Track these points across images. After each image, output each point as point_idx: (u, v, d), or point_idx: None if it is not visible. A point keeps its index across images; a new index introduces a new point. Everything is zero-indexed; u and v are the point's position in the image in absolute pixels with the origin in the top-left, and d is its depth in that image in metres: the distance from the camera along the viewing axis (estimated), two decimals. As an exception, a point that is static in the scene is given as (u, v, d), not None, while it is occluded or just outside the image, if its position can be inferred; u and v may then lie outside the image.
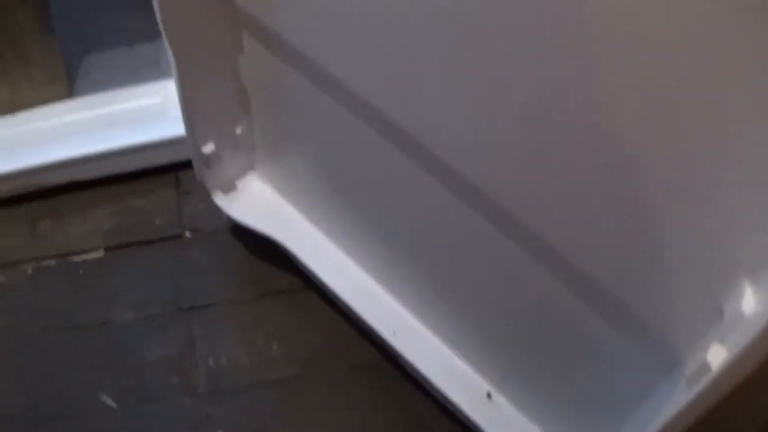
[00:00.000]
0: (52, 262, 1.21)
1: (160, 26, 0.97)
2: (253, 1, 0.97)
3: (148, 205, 1.24)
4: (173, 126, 1.19)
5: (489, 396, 1.02)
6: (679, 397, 0.66)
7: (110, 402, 1.09)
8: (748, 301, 0.59)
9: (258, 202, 1.15)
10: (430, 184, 0.89)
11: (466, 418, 1.02)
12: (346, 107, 0.94)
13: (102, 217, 1.23)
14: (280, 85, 1.03)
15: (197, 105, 1.05)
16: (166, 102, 1.23)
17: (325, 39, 0.91)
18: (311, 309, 1.15)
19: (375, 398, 1.09)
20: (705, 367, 0.61)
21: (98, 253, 1.21)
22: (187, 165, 1.18)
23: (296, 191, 1.13)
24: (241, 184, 1.16)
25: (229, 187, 1.15)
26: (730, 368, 0.58)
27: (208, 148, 1.08)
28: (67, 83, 1.26)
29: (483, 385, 1.03)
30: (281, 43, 0.97)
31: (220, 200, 1.14)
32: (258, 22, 0.99)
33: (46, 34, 1.21)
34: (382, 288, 1.10)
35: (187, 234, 1.22)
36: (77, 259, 1.21)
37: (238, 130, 1.11)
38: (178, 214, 1.23)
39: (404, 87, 0.84)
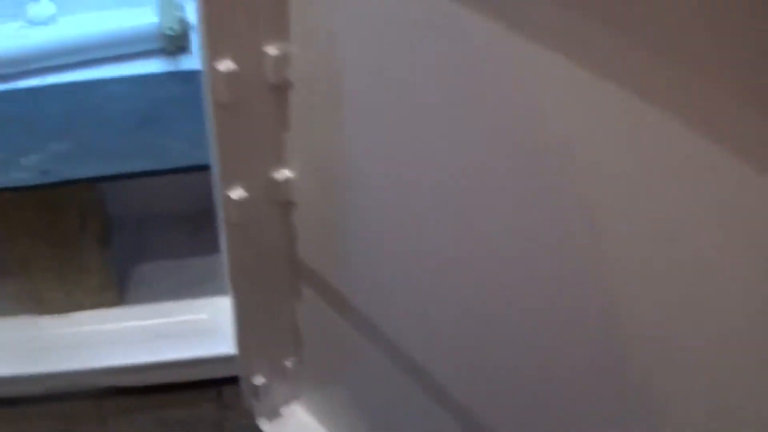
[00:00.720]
0: (92, 468, 1.24)
1: (226, 272, 1.02)
2: (315, 258, 1.03)
3: (190, 417, 1.27)
4: (219, 344, 1.23)
5: None
6: None
7: None
8: None
9: (301, 430, 1.18)
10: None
11: None
12: (393, 360, 0.99)
13: (144, 426, 1.26)
14: (333, 330, 1.07)
15: (252, 339, 1.10)
16: (214, 319, 1.27)
17: (378, 300, 0.97)
18: None
19: None
20: None
21: (138, 462, 1.24)
22: (230, 381, 1.22)
23: (338, 423, 1.17)
24: (285, 411, 1.19)
25: (274, 415, 1.18)
26: None
27: (259, 379, 1.13)
28: (118, 291, 1.31)
29: None
30: (338, 296, 1.02)
31: (265, 427, 1.17)
32: (318, 276, 1.04)
33: (104, 245, 1.26)
34: None
35: (228, 449, 1.26)
36: (117, 466, 1.24)
37: (289, 363, 1.15)
38: (218, 428, 1.27)
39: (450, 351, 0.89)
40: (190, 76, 1.29)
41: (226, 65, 0.88)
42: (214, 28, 0.86)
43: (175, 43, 1.31)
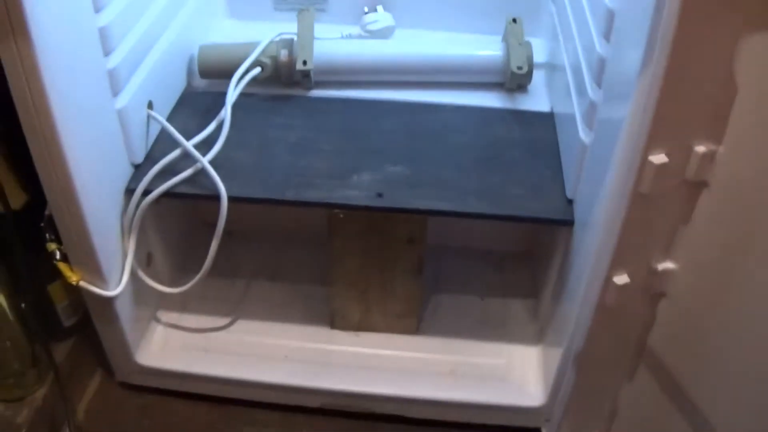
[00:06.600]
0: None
1: (572, 350, 1.01)
2: (667, 349, 1.00)
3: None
4: (511, 393, 1.21)
5: None
6: None
7: None
8: None
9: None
10: None
11: None
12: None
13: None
14: (655, 414, 1.05)
15: (572, 411, 1.08)
16: (509, 366, 1.25)
17: (726, 410, 0.94)
18: None
19: None
20: None
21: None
22: (515, 430, 1.21)
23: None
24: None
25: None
26: None
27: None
28: (417, 321, 1.30)
29: None
30: (678, 388, 0.99)
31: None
32: (662, 365, 1.01)
33: (418, 274, 1.24)
34: None
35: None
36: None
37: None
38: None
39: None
40: (532, 118, 1.26)
41: (659, 158, 0.84)
42: (657, 120, 0.82)
43: (518, 81, 1.28)
